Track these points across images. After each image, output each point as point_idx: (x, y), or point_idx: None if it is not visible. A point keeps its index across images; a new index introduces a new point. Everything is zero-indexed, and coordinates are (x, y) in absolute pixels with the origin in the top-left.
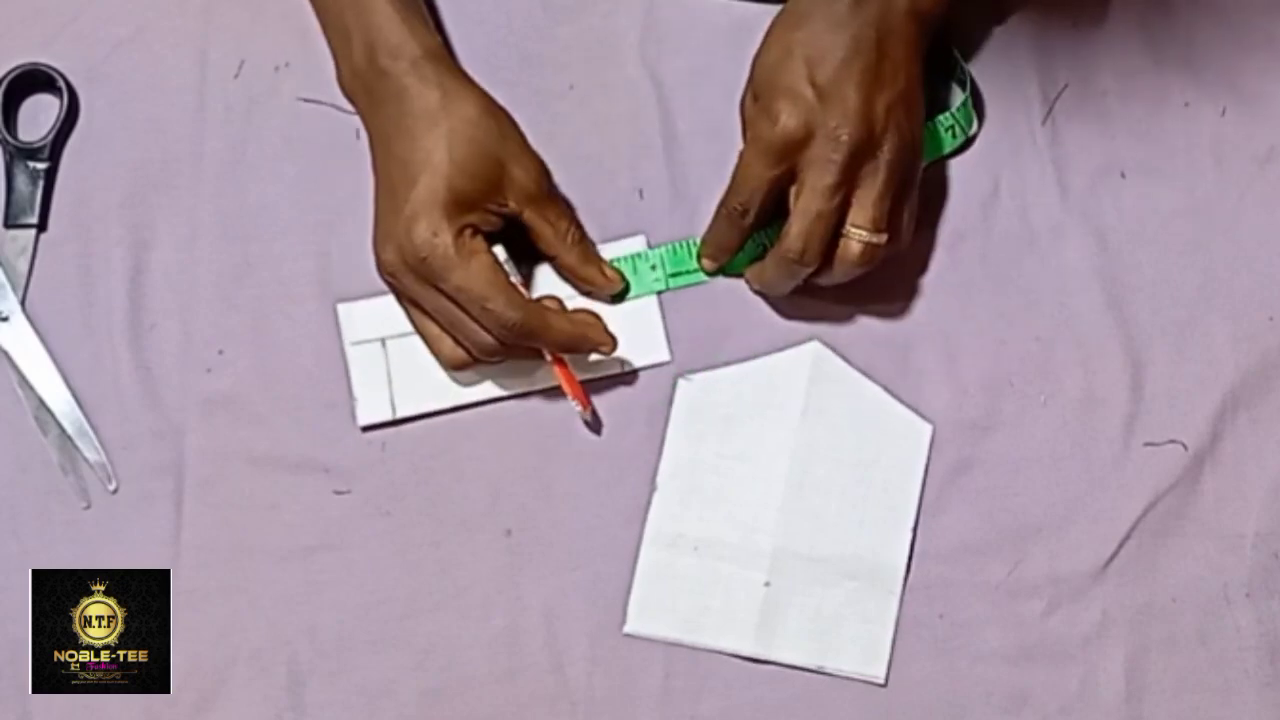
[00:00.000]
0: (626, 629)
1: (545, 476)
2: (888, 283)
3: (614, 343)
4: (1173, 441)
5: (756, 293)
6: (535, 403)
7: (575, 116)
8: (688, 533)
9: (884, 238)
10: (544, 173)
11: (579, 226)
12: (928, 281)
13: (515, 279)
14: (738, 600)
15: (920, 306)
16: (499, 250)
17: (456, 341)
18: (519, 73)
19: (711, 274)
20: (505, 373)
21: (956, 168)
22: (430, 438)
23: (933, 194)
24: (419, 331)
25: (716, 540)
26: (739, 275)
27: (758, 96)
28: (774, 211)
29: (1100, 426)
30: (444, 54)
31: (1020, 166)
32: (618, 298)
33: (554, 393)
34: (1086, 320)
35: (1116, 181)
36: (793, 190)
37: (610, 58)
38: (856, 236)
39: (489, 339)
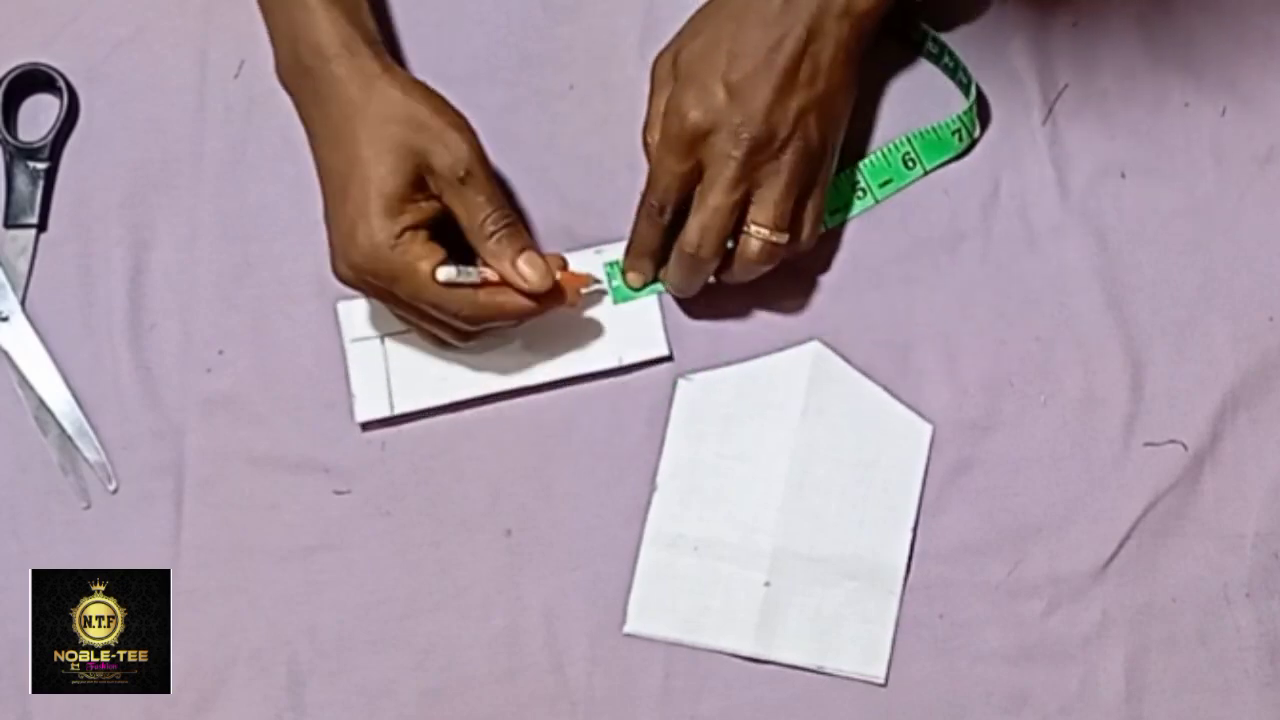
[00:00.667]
0: (626, 629)
1: (545, 476)
2: (887, 282)
3: (577, 295)
4: (1173, 441)
5: (673, 296)
6: (535, 402)
7: (575, 116)
8: (688, 533)
9: (784, 237)
10: (469, 155)
11: (504, 213)
12: (928, 281)
13: (465, 272)
14: (738, 600)
15: (920, 306)
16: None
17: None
18: (519, 73)
19: (637, 288)
20: (502, 368)
21: (956, 168)
22: (430, 438)
23: (933, 194)
24: (411, 325)
25: (716, 540)
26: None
27: (677, 82)
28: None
29: (1100, 426)
30: (364, 43)
31: (1020, 166)
32: (620, 296)
33: (554, 393)
34: (1086, 320)
35: (1116, 181)
36: (698, 188)
37: (610, 58)
38: (756, 234)
39: (460, 330)
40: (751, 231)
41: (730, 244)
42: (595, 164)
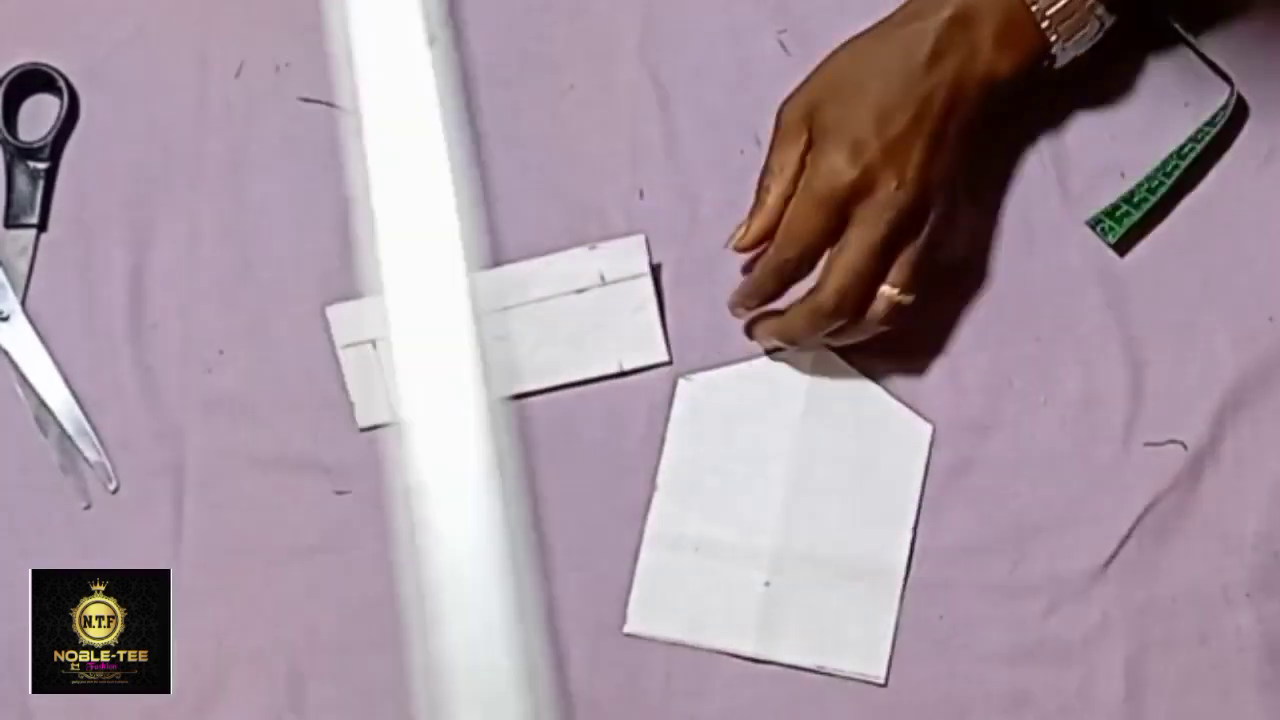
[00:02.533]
0: (627, 629)
1: (545, 476)
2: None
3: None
4: (1173, 441)
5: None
6: (535, 402)
7: (575, 116)
8: (688, 533)
9: (911, 298)
10: None
11: None
12: (928, 281)
13: None
14: (738, 600)
15: (920, 307)
16: None
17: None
18: (519, 72)
19: (738, 316)
20: (502, 373)
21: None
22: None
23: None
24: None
25: (716, 540)
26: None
27: (820, 137)
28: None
29: (1100, 426)
30: None
31: (1020, 166)
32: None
33: (554, 393)
34: (1086, 320)
35: (1116, 181)
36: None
37: (610, 58)
38: (887, 295)
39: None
40: (883, 292)
41: None
42: (595, 164)
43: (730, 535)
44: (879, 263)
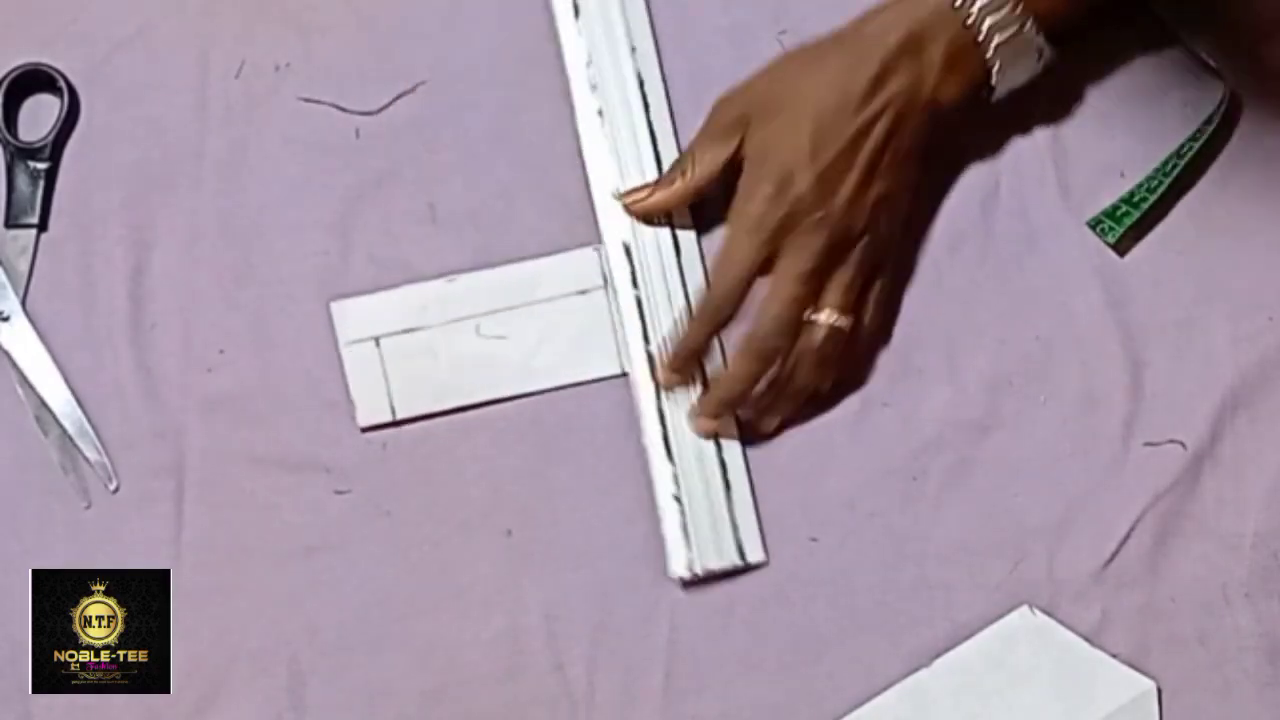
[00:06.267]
0: None
1: (545, 476)
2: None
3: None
4: (1173, 441)
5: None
6: (535, 402)
7: (575, 116)
8: None
9: (848, 321)
10: None
11: None
12: (928, 281)
13: None
14: None
15: (920, 306)
16: None
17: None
18: (519, 72)
19: (669, 387)
20: (504, 374)
21: (956, 168)
22: (430, 438)
23: (933, 194)
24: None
25: None
26: None
27: (750, 160)
28: None
29: (1100, 426)
30: None
31: (1020, 166)
32: None
33: (554, 393)
34: (1086, 320)
35: (1116, 181)
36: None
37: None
38: (822, 320)
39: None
40: (817, 319)
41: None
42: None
43: None
44: (810, 290)
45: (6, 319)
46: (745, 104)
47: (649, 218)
